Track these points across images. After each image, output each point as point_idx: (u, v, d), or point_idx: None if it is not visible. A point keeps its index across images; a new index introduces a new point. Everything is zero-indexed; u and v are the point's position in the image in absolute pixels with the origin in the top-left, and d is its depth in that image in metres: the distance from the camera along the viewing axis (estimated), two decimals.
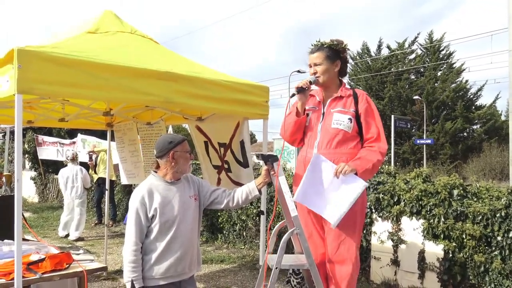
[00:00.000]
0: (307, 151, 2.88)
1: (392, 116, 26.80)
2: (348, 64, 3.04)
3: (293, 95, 2.86)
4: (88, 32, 3.67)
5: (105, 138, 8.85)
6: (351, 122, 2.81)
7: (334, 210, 2.68)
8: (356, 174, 2.69)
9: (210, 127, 4.36)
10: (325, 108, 2.91)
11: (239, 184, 3.95)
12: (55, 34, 3.91)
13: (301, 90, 2.84)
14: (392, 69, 32.43)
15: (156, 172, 2.79)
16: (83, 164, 9.46)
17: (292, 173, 7.91)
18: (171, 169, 2.74)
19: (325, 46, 2.89)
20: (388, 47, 33.90)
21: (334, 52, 2.90)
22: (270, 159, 2.80)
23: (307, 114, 2.93)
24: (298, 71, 27.88)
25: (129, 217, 2.66)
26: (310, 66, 2.93)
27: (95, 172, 9.61)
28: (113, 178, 9.38)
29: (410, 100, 31.70)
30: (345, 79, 3.07)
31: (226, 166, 4.16)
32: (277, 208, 5.72)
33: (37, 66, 2.56)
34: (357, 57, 34.39)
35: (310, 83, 2.87)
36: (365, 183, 2.69)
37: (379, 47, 34.22)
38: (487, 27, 61.24)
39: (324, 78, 2.89)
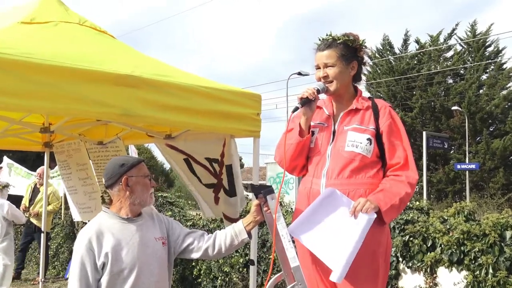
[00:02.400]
0: (312, 182, 2.88)
1: (424, 133, 26.93)
2: (364, 67, 3.07)
3: (296, 108, 2.86)
4: (21, 22, 3.67)
5: (40, 164, 8.77)
6: (370, 144, 2.83)
7: (339, 257, 2.68)
8: (377, 212, 2.69)
9: (185, 147, 4.38)
10: (336, 124, 2.93)
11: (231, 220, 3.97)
12: None
13: (306, 102, 2.85)
14: (423, 70, 32.85)
15: (108, 208, 2.80)
16: (12, 198, 9.32)
17: (292, 209, 7.89)
18: (126, 200, 2.76)
19: (339, 42, 2.91)
20: (417, 41, 34.45)
21: (350, 50, 2.93)
22: (263, 191, 2.80)
23: (312, 133, 2.95)
24: (299, 74, 28.19)
25: (71, 270, 2.64)
26: (318, 68, 2.94)
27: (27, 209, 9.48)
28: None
29: (446, 111, 32.05)
30: (361, 86, 3.11)
31: (225, 184, 4.19)
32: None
33: None
34: (377, 55, 34.82)
35: (318, 91, 2.88)
36: (373, 214, 2.67)
37: (405, 42, 34.76)
38: None
39: (337, 85, 2.91)
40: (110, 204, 2.82)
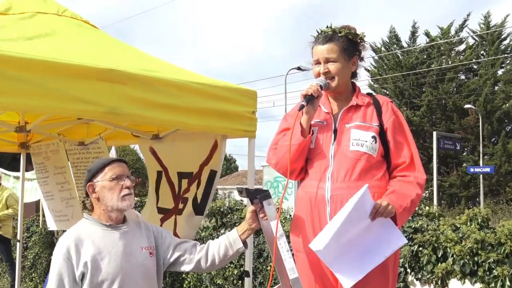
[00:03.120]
0: (318, 186, 2.87)
1: (434, 133, 26.88)
2: (361, 63, 3.11)
3: (302, 106, 2.85)
4: None
5: (16, 166, 8.76)
6: (375, 142, 2.86)
7: (353, 269, 2.69)
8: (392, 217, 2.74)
9: (169, 151, 4.36)
10: (337, 123, 2.95)
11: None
12: None
13: (310, 99, 2.86)
14: (433, 65, 32.95)
15: (90, 214, 2.82)
16: None
17: (290, 216, 7.88)
18: (99, 207, 2.79)
19: (340, 35, 2.94)
20: (427, 34, 34.53)
21: (352, 44, 2.97)
22: (259, 196, 2.81)
23: (312, 132, 2.97)
24: (299, 69, 28.14)
25: (49, 282, 2.64)
26: (317, 63, 2.97)
27: None
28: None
29: (459, 110, 32.12)
30: (365, 82, 3.14)
31: (181, 206, 4.08)
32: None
33: None
34: (382, 48, 34.88)
35: (321, 88, 2.90)
36: (405, 239, 2.75)
37: (413, 34, 34.86)
38: None
39: (339, 81, 2.94)
40: (92, 210, 2.83)
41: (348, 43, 2.95)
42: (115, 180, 2.78)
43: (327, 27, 3.01)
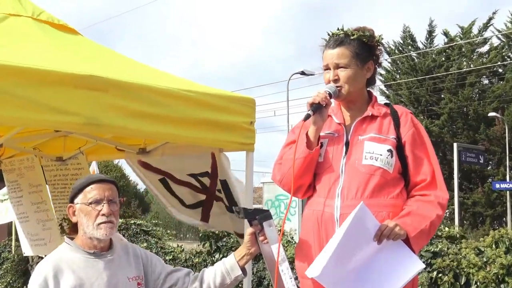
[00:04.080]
0: (323, 204, 2.86)
1: (455, 145, 26.97)
2: (379, 68, 3.12)
3: (308, 116, 2.83)
4: None
5: None
6: (391, 156, 2.85)
7: None
8: (404, 240, 2.71)
9: (164, 160, 4.37)
10: (349, 134, 2.94)
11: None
12: None
13: (317, 108, 2.84)
14: (452, 69, 32.98)
15: (72, 238, 2.79)
16: None
17: (293, 238, 7.84)
18: (81, 232, 2.76)
19: (352, 38, 2.94)
20: (445, 33, 34.52)
21: (366, 48, 2.96)
22: (258, 217, 2.81)
23: (321, 145, 2.95)
24: (302, 73, 28.21)
25: None
26: (327, 69, 2.96)
27: None
28: None
29: (482, 118, 32.14)
30: (376, 91, 3.14)
31: (218, 194, 4.21)
32: None
33: None
34: (395, 50, 34.97)
35: (330, 95, 2.89)
36: (422, 263, 2.72)
37: (430, 34, 34.87)
38: None
39: (350, 88, 2.92)
40: (72, 234, 2.80)
41: (361, 47, 2.93)
42: (92, 205, 2.72)
43: (338, 29, 3.00)
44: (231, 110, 3.73)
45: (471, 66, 32.72)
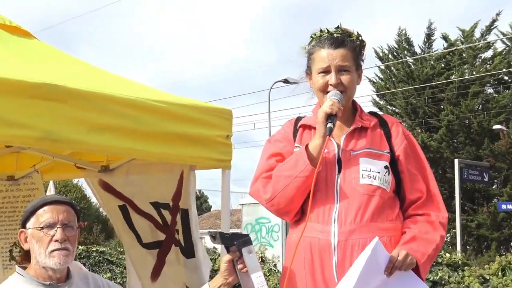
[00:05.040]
0: (321, 230, 2.82)
1: (456, 161, 27.06)
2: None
3: (331, 129, 2.78)
4: None
5: None
6: (388, 174, 2.86)
7: None
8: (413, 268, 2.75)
9: (127, 181, 4.36)
10: (340, 150, 2.92)
11: None
12: None
13: (334, 119, 2.80)
14: (453, 77, 33.26)
15: (24, 268, 2.76)
16: None
17: (276, 266, 7.81)
18: (32, 260, 2.73)
19: (352, 39, 2.97)
20: (445, 37, 34.80)
21: (359, 52, 3.00)
22: (237, 242, 2.80)
23: None
24: (286, 81, 28.24)
25: None
26: (325, 72, 2.92)
27: None
28: None
29: (486, 132, 32.40)
30: (368, 98, 3.17)
31: (177, 237, 4.12)
32: None
33: None
34: (389, 55, 35.17)
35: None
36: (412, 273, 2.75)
37: (429, 37, 35.11)
38: None
39: (350, 96, 2.97)
40: (23, 262, 2.78)
41: (358, 50, 2.98)
42: (44, 229, 2.68)
43: (337, 27, 3.00)
44: (205, 122, 3.74)
45: (474, 73, 32.91)
